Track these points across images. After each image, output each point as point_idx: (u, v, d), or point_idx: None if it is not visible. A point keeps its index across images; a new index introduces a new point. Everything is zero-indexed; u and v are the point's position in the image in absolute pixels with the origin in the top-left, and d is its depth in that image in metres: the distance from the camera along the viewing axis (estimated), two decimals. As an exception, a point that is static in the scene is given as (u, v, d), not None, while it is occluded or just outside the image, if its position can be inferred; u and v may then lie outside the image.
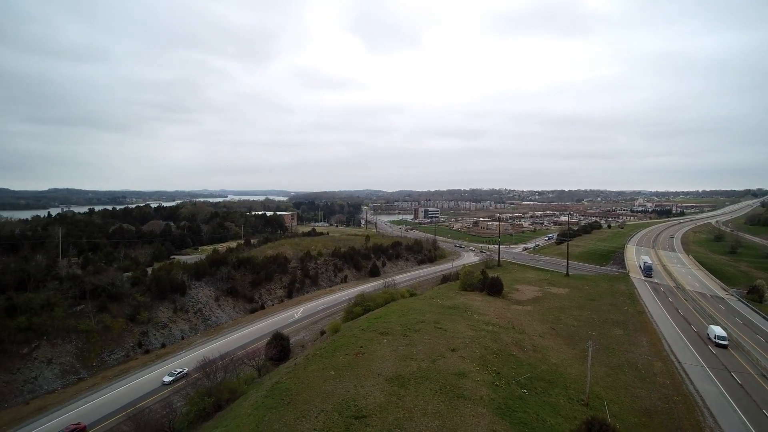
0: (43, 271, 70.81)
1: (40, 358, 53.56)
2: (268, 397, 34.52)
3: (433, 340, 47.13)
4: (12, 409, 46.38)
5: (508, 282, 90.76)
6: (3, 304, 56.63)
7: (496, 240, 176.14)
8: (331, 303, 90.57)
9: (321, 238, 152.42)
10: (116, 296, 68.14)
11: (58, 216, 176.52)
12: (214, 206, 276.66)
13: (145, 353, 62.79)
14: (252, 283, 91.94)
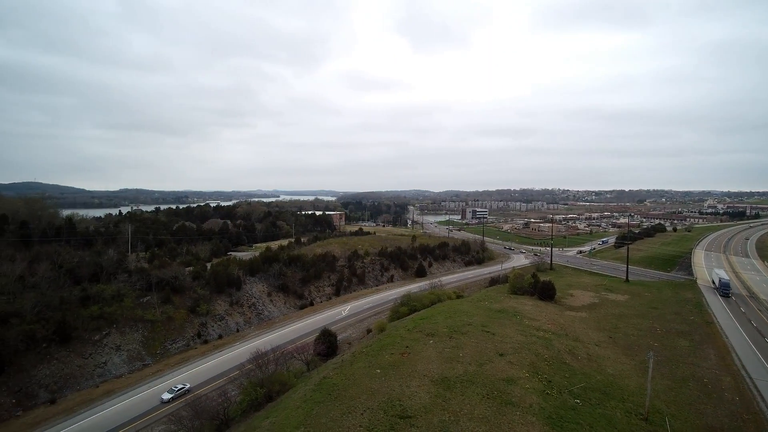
0: (114, 264, 77.05)
1: (110, 344, 58.38)
2: (316, 391, 35.49)
3: (480, 344, 46.23)
4: (84, 391, 50.93)
5: (562, 287, 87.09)
6: (78, 294, 62.25)
7: (549, 242, 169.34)
8: (378, 302, 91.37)
9: (368, 237, 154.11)
10: (179, 289, 72.81)
11: (127, 214, 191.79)
12: (267, 206, 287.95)
13: (204, 343, 66.68)
14: (302, 280, 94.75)
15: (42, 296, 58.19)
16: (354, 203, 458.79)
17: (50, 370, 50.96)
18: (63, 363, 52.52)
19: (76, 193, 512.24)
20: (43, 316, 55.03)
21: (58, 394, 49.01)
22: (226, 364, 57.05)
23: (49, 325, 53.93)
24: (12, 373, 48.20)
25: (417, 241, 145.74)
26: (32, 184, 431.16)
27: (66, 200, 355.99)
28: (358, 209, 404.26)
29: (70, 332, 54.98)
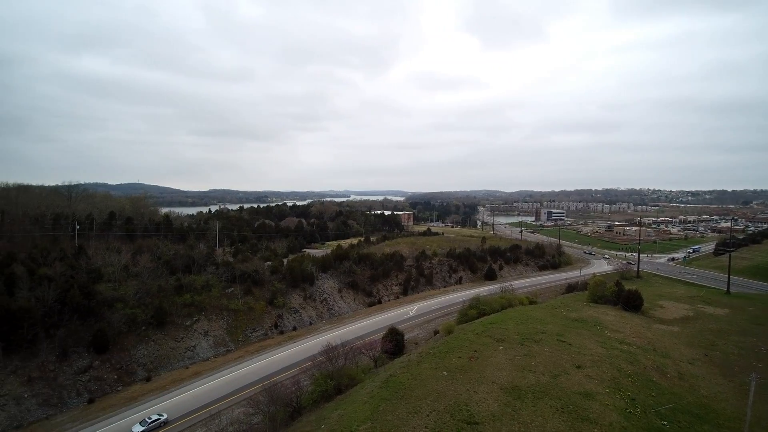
0: (204, 257, 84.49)
1: (199, 330, 64.11)
2: (382, 388, 36.01)
3: (555, 354, 43.77)
4: (175, 371, 56.42)
5: (650, 297, 79.52)
6: (173, 283, 69.10)
7: (635, 248, 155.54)
8: (445, 303, 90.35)
9: (436, 237, 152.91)
10: (259, 282, 77.96)
11: (215, 212, 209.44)
12: (338, 205, 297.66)
13: (280, 334, 70.79)
14: (371, 279, 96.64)
15: (143, 284, 65.54)
16: (422, 203, 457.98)
17: (147, 351, 57.26)
18: (158, 345, 58.75)
19: (172, 193, 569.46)
20: (143, 302, 61.98)
21: (153, 373, 54.88)
22: (300, 354, 59.94)
23: (148, 310, 60.57)
24: (115, 352, 54.87)
25: (487, 243, 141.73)
26: (136, 185, 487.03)
27: (164, 199, 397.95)
28: (426, 209, 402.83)
29: (166, 317, 61.31)
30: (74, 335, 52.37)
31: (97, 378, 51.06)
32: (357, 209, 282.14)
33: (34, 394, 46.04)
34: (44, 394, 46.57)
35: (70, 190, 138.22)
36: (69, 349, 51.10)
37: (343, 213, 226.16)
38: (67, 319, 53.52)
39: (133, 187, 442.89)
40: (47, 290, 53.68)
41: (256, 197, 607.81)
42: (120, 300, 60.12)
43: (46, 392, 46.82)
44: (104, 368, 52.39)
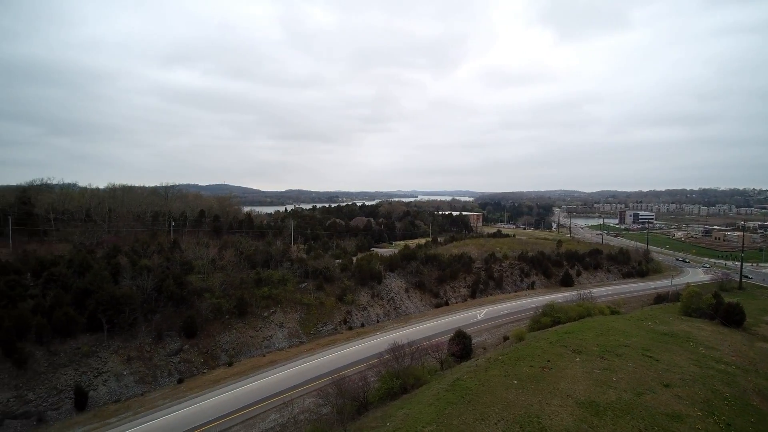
0: (281, 254, 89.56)
1: (275, 321, 68.02)
2: (449, 391, 35.58)
3: (639, 370, 40.22)
4: (253, 359, 60.34)
5: (754, 311, 70.04)
6: (253, 277, 74.00)
7: (738, 255, 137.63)
8: (516, 309, 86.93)
9: (507, 240, 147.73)
10: (329, 278, 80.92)
11: (291, 211, 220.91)
12: (406, 205, 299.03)
13: (349, 329, 72.92)
14: (438, 280, 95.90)
15: (227, 276, 71.06)
16: (492, 204, 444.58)
17: (230, 338, 61.95)
18: (239, 333, 63.33)
19: (253, 193, 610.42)
20: (227, 292, 67.12)
21: (234, 359, 59.23)
22: (367, 351, 61.20)
23: (231, 300, 65.50)
24: (202, 337, 60.03)
25: (563, 247, 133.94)
26: (222, 186, 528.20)
27: (246, 199, 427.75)
28: (496, 210, 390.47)
29: (246, 308, 65.91)
30: (168, 320, 58.30)
31: (186, 360, 56.33)
32: (424, 209, 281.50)
33: (132, 372, 51.93)
34: (141, 373, 52.34)
35: (166, 191, 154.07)
36: (163, 333, 56.95)
37: (411, 213, 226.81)
38: (162, 305, 59.78)
39: (220, 187, 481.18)
40: (146, 279, 60.34)
41: (328, 197, 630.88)
42: (208, 290, 65.74)
43: (142, 371, 52.60)
44: (193, 352, 57.66)
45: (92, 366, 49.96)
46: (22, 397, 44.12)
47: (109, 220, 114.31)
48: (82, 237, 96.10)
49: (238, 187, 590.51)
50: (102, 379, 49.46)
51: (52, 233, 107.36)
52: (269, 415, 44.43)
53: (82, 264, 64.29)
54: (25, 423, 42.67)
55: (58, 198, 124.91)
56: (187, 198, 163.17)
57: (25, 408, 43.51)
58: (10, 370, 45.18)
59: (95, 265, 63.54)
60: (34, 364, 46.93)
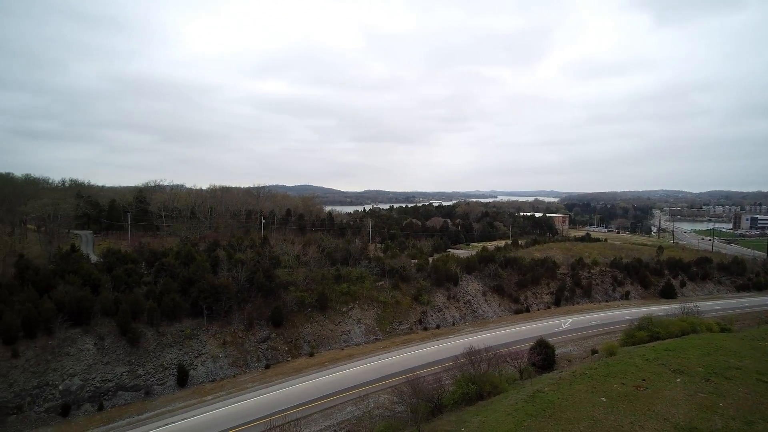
0: (359, 252, 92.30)
1: (353, 317, 70.21)
2: (528, 402, 33.93)
3: (752, 396, 34.86)
4: (332, 351, 62.83)
5: None
6: (333, 273, 77.11)
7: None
8: (606, 320, 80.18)
9: (597, 244, 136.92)
10: (405, 278, 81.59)
11: (369, 211, 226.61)
12: (484, 206, 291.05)
13: (424, 330, 72.88)
14: (518, 284, 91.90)
15: (310, 272, 74.95)
16: (581, 205, 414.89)
17: (311, 330, 65.22)
18: (320, 325, 66.42)
19: (334, 194, 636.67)
20: (310, 287, 70.77)
21: (315, 350, 62.25)
22: (442, 353, 60.62)
23: (313, 294, 68.93)
24: (287, 327, 63.90)
25: (664, 254, 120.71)
26: (307, 187, 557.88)
27: (328, 199, 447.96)
28: (585, 212, 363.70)
29: (326, 302, 68.92)
30: (258, 310, 63.07)
31: (273, 348, 60.47)
32: (504, 210, 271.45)
33: (227, 355, 56.95)
34: (233, 356, 57.22)
35: (258, 191, 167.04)
36: (253, 321, 61.73)
37: (489, 214, 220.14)
38: (253, 296, 64.82)
39: (305, 188, 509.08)
40: (240, 271, 65.88)
41: (405, 197, 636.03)
42: (292, 284, 69.96)
43: (235, 355, 57.48)
44: (278, 340, 61.75)
45: (193, 347, 55.82)
46: (134, 371, 50.66)
47: (210, 218, 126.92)
48: (187, 232, 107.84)
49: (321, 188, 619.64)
50: (201, 359, 55.05)
51: (163, 228, 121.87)
52: (346, 407, 46.01)
53: (187, 256, 72.18)
54: (135, 395, 48.93)
55: (168, 197, 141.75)
56: (276, 198, 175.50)
57: (135, 381, 49.90)
58: (125, 347, 52.13)
59: (198, 258, 70.91)
60: (145, 343, 53.65)
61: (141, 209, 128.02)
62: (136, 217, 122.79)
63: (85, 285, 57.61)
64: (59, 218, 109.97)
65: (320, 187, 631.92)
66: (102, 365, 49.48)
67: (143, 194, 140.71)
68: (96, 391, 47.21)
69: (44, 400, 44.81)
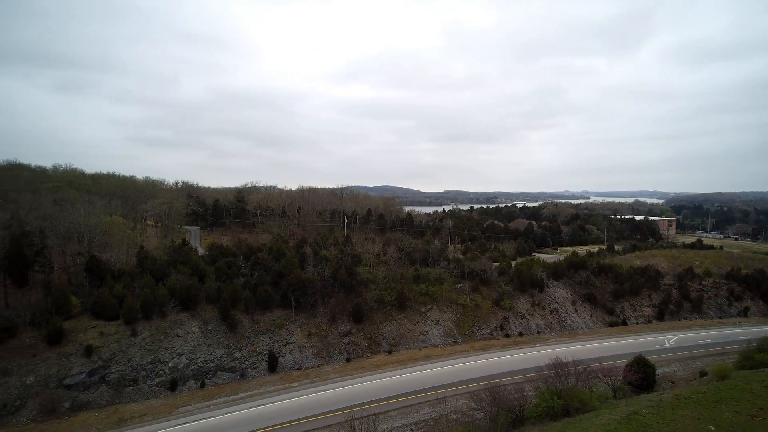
0: (438, 253, 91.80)
1: (432, 318, 70.04)
2: (622, 424, 31.10)
3: None
4: (410, 351, 63.34)
5: None
6: (412, 273, 77.66)
7: None
8: (719, 339, 70.44)
9: (710, 252, 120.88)
10: (486, 281, 79.45)
11: (448, 212, 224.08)
12: (575, 207, 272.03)
13: (505, 336, 70.30)
14: (613, 294, 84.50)
15: (389, 271, 76.33)
16: (691, 207, 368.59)
17: (390, 328, 66.35)
18: (399, 324, 67.31)
19: (414, 194, 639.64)
20: (389, 285, 72.07)
21: (393, 348, 63.27)
22: (524, 362, 57.98)
23: (392, 293, 70.08)
24: (367, 324, 65.73)
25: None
26: (387, 187, 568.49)
27: (407, 199, 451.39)
28: (695, 215, 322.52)
29: (405, 302, 69.67)
30: (340, 305, 65.81)
31: (354, 343, 62.69)
32: (597, 212, 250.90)
33: (311, 346, 60.24)
34: (317, 347, 60.34)
35: (341, 192, 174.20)
36: (336, 316, 64.55)
37: (580, 216, 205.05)
38: (336, 291, 67.75)
39: (385, 188, 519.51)
40: (324, 268, 69.34)
41: (486, 198, 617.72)
42: (372, 282, 71.86)
43: (319, 346, 60.58)
44: (359, 336, 63.86)
45: (282, 336, 59.99)
46: (231, 354, 55.83)
47: (298, 216, 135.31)
48: (278, 229, 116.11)
49: (401, 188, 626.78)
50: (289, 348, 58.95)
51: (258, 225, 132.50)
52: (423, 407, 46.11)
53: (278, 252, 77.70)
54: (232, 376, 53.90)
55: (262, 197, 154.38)
56: (358, 198, 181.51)
57: (232, 363, 54.97)
58: (225, 332, 57.71)
59: (287, 253, 76.02)
60: (242, 329, 58.87)
61: (240, 208, 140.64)
62: (236, 215, 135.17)
63: (193, 274, 65.00)
64: (173, 215, 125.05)
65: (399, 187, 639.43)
66: (205, 347, 55.37)
67: (242, 194, 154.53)
68: (199, 370, 52.95)
69: (156, 375, 51.32)
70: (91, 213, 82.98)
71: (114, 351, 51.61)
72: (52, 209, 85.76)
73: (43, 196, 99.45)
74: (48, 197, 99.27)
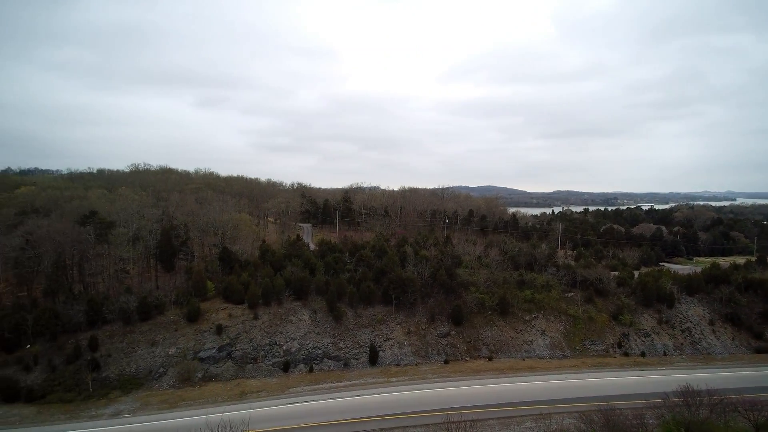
0: (545, 258, 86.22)
1: (537, 327, 66.07)
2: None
3: None
4: (511, 360, 60.43)
5: None
6: (516, 278, 74.13)
7: None
8: None
9: None
10: (602, 292, 72.50)
11: (559, 214, 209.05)
12: (716, 211, 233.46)
13: (624, 355, 63.24)
14: (762, 315, 70.69)
15: (491, 274, 74.01)
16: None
17: (491, 333, 64.26)
18: (500, 331, 64.84)
19: (519, 194, 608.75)
20: (491, 289, 69.89)
21: (494, 354, 61.18)
22: (646, 386, 51.60)
23: (494, 297, 67.82)
24: (467, 327, 64.55)
25: None
26: (490, 187, 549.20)
27: (512, 200, 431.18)
28: None
29: (508, 308, 66.85)
30: (439, 306, 65.77)
31: (452, 345, 62.15)
32: (746, 217, 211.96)
33: (410, 344, 61.19)
34: (416, 346, 61.08)
35: (442, 192, 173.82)
36: (435, 316, 64.70)
37: (723, 221, 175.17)
38: (435, 292, 67.85)
39: (487, 189, 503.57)
40: (424, 267, 69.89)
41: (603, 199, 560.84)
42: (473, 284, 70.43)
43: (417, 345, 61.29)
44: (458, 338, 63.11)
45: (383, 332, 62.04)
46: (336, 344, 59.40)
47: (399, 216, 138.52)
48: (381, 228, 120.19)
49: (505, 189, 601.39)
50: (389, 343, 60.75)
51: (362, 224, 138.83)
52: (524, 421, 43.83)
53: (381, 250, 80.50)
54: (336, 364, 57.39)
55: (367, 197, 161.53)
56: (459, 198, 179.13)
57: (337, 353, 58.49)
58: (331, 323, 61.69)
59: (389, 252, 78.36)
60: (346, 321, 62.31)
61: (346, 207, 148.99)
62: (343, 213, 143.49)
63: (305, 267, 70.85)
64: (289, 213, 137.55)
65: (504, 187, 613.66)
66: (314, 335, 59.90)
67: (348, 195, 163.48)
68: (308, 356, 57.45)
69: (272, 356, 57.00)
70: (224, 210, 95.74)
71: (239, 331, 58.73)
72: (194, 207, 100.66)
73: (187, 196, 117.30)
74: (191, 196, 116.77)
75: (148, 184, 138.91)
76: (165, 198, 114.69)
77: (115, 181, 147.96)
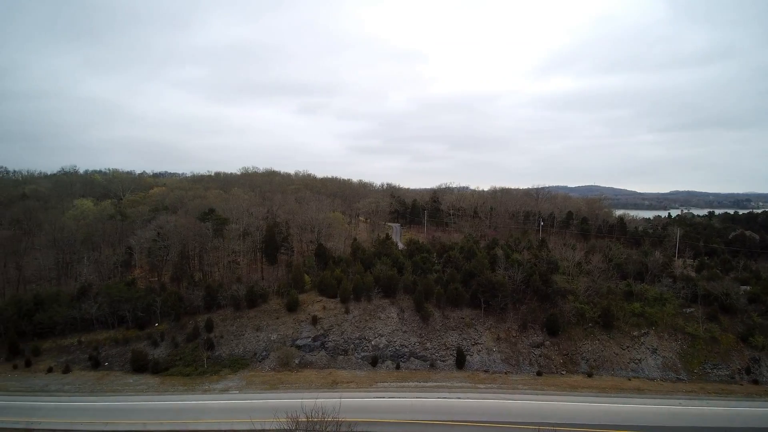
0: (659, 267, 76.98)
1: (647, 345, 59.31)
2: None
3: None
4: (616, 378, 54.95)
5: None
6: (623, 288, 67.35)
7: None
8: None
9: None
10: (728, 308, 62.85)
11: (676, 217, 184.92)
12: None
13: (753, 383, 54.03)
14: None
15: (593, 283, 68.25)
16: None
17: (592, 347, 59.19)
18: (603, 345, 59.43)
19: (627, 195, 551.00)
20: (592, 299, 64.54)
21: (594, 371, 56.20)
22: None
23: (596, 309, 62.49)
24: (563, 338, 60.24)
25: None
26: (592, 187, 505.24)
27: (619, 201, 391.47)
28: None
29: (612, 321, 61.07)
30: (532, 313, 62.43)
31: (546, 356, 58.50)
32: None
33: (500, 351, 58.94)
34: (506, 354, 58.64)
35: (537, 192, 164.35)
36: (527, 324, 61.51)
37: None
38: (528, 298, 64.58)
39: (589, 189, 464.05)
40: (516, 272, 66.79)
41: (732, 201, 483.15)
42: (571, 293, 65.71)
43: (507, 352, 58.80)
44: (553, 350, 59.25)
45: (470, 335, 60.71)
46: (423, 344, 59.52)
47: (489, 217, 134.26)
48: (470, 229, 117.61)
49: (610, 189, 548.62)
50: (477, 348, 59.26)
51: (451, 224, 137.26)
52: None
53: (469, 251, 78.89)
54: (423, 364, 57.52)
55: (455, 198, 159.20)
56: (556, 199, 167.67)
57: (423, 353, 58.59)
58: (418, 322, 62.03)
59: (478, 254, 76.43)
60: (433, 322, 62.16)
61: (434, 207, 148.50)
62: (431, 214, 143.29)
63: (393, 266, 72.33)
64: (379, 213, 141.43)
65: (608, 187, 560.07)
66: (401, 333, 60.82)
67: (436, 195, 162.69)
68: (396, 353, 58.47)
69: (362, 349, 59.08)
70: (320, 209, 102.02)
71: (332, 323, 62.00)
72: (294, 206, 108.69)
73: (288, 196, 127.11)
74: (291, 196, 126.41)
75: (255, 185, 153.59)
76: (269, 198, 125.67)
77: (229, 182, 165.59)
